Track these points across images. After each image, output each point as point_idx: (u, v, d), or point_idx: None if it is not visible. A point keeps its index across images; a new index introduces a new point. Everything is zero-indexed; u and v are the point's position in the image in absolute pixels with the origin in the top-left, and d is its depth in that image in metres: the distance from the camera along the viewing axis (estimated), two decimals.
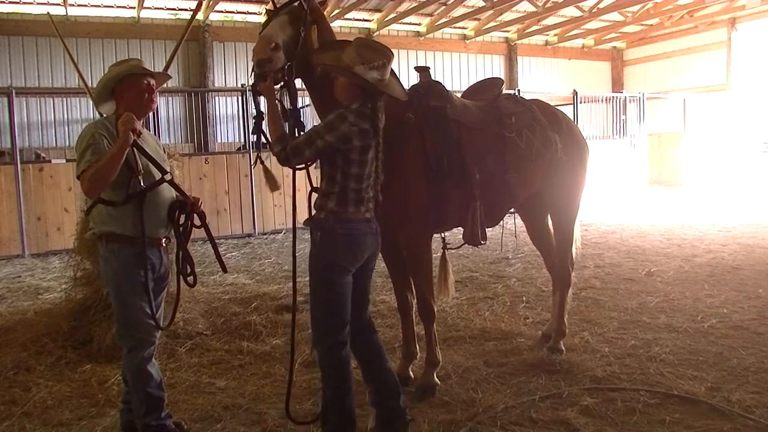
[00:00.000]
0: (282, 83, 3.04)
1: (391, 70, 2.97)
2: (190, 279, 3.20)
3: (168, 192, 3.10)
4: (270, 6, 3.30)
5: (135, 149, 2.91)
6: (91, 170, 2.80)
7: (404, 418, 3.07)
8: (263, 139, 3.06)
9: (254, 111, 3.08)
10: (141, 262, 2.94)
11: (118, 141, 2.81)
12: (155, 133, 9.97)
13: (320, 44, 3.17)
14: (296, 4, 3.09)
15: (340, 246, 2.85)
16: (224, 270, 3.40)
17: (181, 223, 3.17)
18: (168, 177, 3.04)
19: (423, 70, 3.86)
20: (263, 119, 3.01)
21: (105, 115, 3.17)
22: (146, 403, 2.99)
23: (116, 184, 2.87)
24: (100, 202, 2.92)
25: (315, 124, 3.09)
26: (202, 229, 3.29)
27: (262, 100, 2.97)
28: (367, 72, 2.79)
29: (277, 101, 2.95)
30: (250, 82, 3.09)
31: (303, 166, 3.02)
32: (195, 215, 3.21)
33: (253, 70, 2.92)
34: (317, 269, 2.89)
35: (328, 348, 2.88)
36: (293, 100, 3.11)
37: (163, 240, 3.09)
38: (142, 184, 2.93)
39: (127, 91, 2.98)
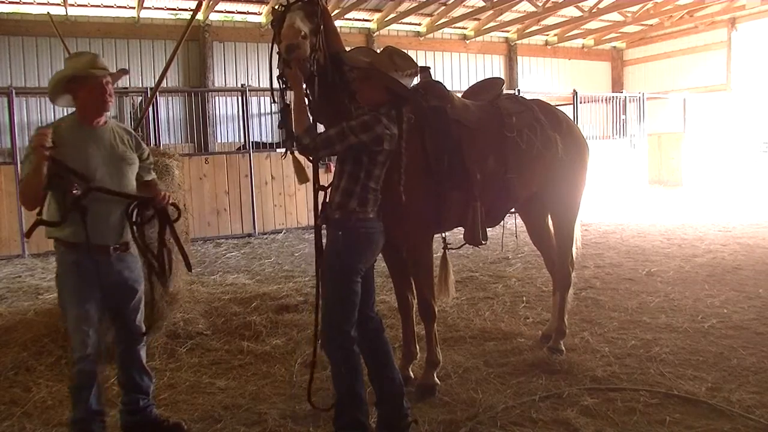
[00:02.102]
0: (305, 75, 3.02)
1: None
2: (166, 277, 3.11)
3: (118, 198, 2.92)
4: (273, 3, 3.31)
5: (55, 163, 2.73)
6: (22, 184, 2.76)
7: (406, 419, 3.08)
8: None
9: (280, 103, 3.10)
10: (79, 270, 2.85)
11: (31, 162, 2.69)
12: (155, 133, 9.94)
13: (347, 50, 3.26)
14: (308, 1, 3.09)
15: (362, 245, 2.93)
16: (189, 268, 3.39)
17: (146, 222, 3.03)
18: (94, 185, 2.82)
19: (423, 70, 3.85)
20: (290, 111, 3.02)
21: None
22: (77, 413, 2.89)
23: (52, 202, 2.79)
24: (41, 223, 2.83)
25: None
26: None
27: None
28: (401, 78, 2.90)
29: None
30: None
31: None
32: (163, 212, 3.02)
33: (280, 59, 2.95)
34: (338, 267, 2.93)
35: (341, 343, 2.92)
36: (315, 92, 3.09)
37: (113, 248, 2.92)
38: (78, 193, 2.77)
39: (80, 90, 2.90)
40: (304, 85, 3.00)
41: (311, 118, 3.02)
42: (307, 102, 3.03)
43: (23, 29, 12.06)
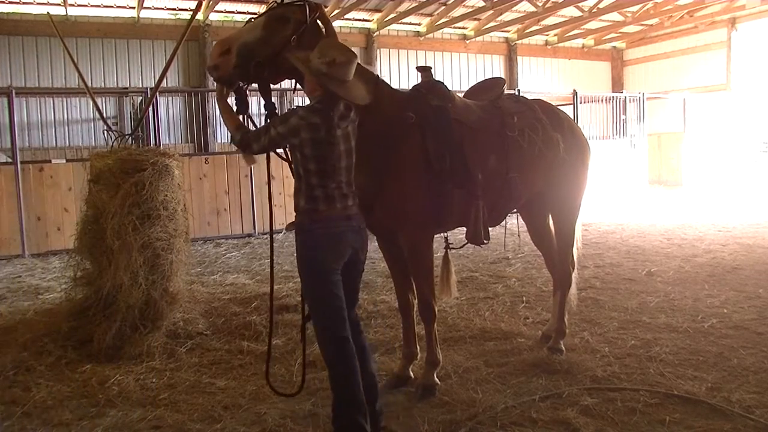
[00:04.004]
0: (244, 83, 3.14)
1: (364, 73, 3.08)
2: None
3: None
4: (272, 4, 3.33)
5: None
6: None
7: (378, 423, 3.05)
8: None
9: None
10: None
11: None
12: (155, 133, 9.94)
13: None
14: (290, 6, 3.13)
15: (322, 246, 2.88)
16: None
17: None
18: None
19: (424, 70, 3.86)
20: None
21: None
22: None
23: None
24: None
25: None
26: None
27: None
28: (312, 62, 2.84)
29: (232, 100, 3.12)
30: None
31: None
32: None
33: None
34: (306, 272, 2.93)
35: (333, 345, 2.91)
36: (265, 97, 3.17)
37: None
38: None
39: None
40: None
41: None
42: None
43: (23, 29, 12.06)
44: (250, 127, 3.09)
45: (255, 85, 3.21)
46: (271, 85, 3.29)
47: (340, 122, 2.88)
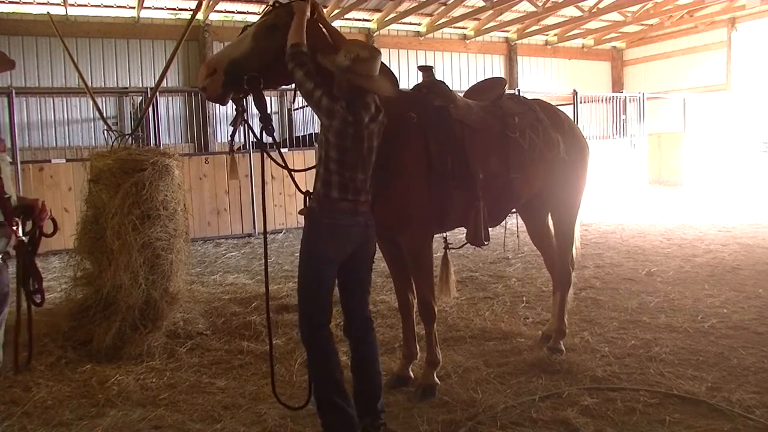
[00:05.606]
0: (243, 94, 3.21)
1: (388, 72, 3.11)
2: (38, 297, 2.82)
3: None
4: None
5: None
6: None
7: (379, 420, 3.06)
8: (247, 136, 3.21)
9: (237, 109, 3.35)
10: None
11: None
12: (155, 133, 9.93)
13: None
14: (281, 14, 3.15)
15: (323, 236, 2.93)
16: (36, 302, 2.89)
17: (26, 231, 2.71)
18: None
19: (426, 70, 3.86)
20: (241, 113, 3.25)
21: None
22: None
23: None
24: None
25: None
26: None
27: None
28: (338, 59, 2.89)
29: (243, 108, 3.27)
30: None
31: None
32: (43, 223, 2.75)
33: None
34: (302, 254, 2.99)
35: (309, 330, 2.96)
36: (260, 108, 3.20)
37: None
38: None
39: None
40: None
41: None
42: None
43: (23, 29, 12.07)
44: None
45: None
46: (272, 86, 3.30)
47: (369, 123, 2.95)
